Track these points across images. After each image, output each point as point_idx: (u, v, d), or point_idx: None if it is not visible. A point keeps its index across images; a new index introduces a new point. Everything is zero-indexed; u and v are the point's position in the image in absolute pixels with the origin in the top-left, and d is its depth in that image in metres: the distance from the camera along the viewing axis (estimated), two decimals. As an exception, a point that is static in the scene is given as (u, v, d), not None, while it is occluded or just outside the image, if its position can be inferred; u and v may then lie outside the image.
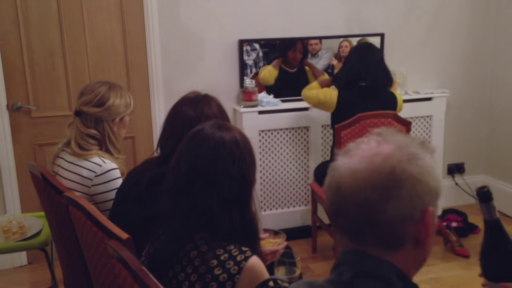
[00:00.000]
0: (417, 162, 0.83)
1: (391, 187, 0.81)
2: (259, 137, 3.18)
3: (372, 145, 0.86)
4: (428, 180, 0.83)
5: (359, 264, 0.84)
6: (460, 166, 3.85)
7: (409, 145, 0.86)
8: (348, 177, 0.84)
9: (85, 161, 1.91)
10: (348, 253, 0.87)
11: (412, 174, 0.82)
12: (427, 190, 0.83)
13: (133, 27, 3.06)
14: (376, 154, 0.84)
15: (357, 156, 0.85)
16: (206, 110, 1.62)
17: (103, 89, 1.97)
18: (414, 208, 0.82)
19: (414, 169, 0.82)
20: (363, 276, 0.83)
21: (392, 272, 0.83)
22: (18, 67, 2.92)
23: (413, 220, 0.82)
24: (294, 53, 3.35)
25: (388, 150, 0.84)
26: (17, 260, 3.07)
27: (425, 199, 0.83)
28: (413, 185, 0.82)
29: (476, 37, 3.68)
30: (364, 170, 0.83)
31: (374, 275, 0.82)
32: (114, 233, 1.38)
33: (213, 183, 1.26)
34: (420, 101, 3.48)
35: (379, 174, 0.82)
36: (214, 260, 1.21)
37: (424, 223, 0.83)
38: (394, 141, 0.86)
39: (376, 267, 0.83)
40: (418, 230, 0.83)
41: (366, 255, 0.84)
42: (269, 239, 1.68)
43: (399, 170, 0.82)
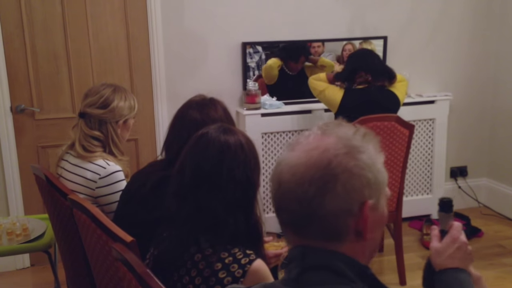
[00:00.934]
0: (355, 155, 0.83)
1: (327, 181, 0.81)
2: (262, 139, 3.18)
3: (312, 139, 0.86)
4: (366, 173, 0.83)
5: (305, 259, 0.84)
6: (463, 169, 3.84)
7: (350, 138, 0.85)
8: (287, 172, 0.85)
9: (89, 164, 1.91)
10: (294, 249, 0.87)
11: (348, 167, 0.82)
12: (365, 183, 0.83)
13: (137, 30, 3.07)
14: (314, 148, 0.84)
15: (297, 151, 0.86)
16: (212, 114, 1.63)
17: (108, 91, 1.98)
18: (351, 202, 0.82)
19: (350, 162, 0.82)
20: (310, 270, 0.83)
21: (338, 260, 0.83)
22: (22, 69, 2.93)
23: (351, 213, 0.82)
24: (296, 64, 3.37)
25: (326, 144, 0.84)
26: (20, 262, 3.07)
27: (364, 192, 0.83)
28: (349, 178, 0.82)
29: (478, 41, 3.68)
30: (302, 164, 0.83)
31: (321, 266, 0.83)
32: (119, 236, 1.38)
33: (218, 186, 1.26)
34: (423, 104, 3.48)
35: (316, 168, 0.82)
36: (219, 263, 1.21)
37: (362, 217, 0.83)
38: (336, 134, 0.86)
39: (321, 258, 0.83)
40: (357, 223, 0.83)
41: (311, 249, 0.84)
42: (273, 242, 1.68)
43: (335, 164, 0.82)
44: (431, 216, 3.54)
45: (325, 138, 0.86)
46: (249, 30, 3.24)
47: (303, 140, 0.88)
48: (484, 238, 3.37)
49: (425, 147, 3.55)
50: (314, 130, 0.88)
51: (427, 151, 3.56)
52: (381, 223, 0.89)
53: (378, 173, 0.86)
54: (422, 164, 3.56)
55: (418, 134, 3.49)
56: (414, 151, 3.50)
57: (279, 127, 3.22)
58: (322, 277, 0.83)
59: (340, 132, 0.86)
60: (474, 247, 3.15)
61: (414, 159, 3.52)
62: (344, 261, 0.84)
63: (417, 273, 2.89)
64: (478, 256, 3.08)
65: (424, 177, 3.59)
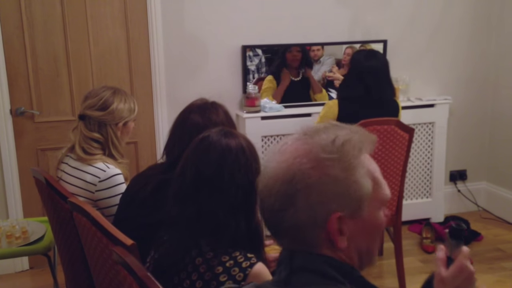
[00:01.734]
0: (322, 169, 0.83)
1: (289, 195, 0.83)
2: (261, 142, 3.18)
3: (289, 147, 0.87)
4: (333, 187, 0.83)
5: (292, 261, 0.86)
6: (463, 173, 3.85)
7: (324, 147, 0.84)
8: (261, 183, 0.88)
9: (89, 167, 1.91)
10: (283, 252, 0.89)
11: (310, 182, 0.82)
12: (331, 196, 0.83)
13: (137, 33, 3.07)
14: (285, 160, 0.85)
15: (273, 161, 0.88)
16: (213, 118, 1.63)
17: (107, 93, 1.98)
18: (315, 215, 0.83)
19: (314, 176, 0.83)
20: (297, 271, 0.85)
21: (324, 262, 0.84)
22: (22, 72, 2.93)
23: (317, 225, 0.83)
24: (291, 53, 3.35)
25: (296, 155, 0.85)
26: (18, 264, 3.06)
27: (330, 206, 0.83)
28: (310, 193, 0.82)
29: (478, 45, 3.69)
30: (272, 177, 0.86)
31: (308, 269, 0.84)
32: (119, 239, 1.38)
33: (219, 190, 1.26)
34: (422, 107, 3.48)
35: (281, 182, 0.84)
36: (220, 267, 1.21)
37: (325, 229, 0.83)
38: (312, 143, 0.86)
39: (307, 261, 0.85)
40: (328, 234, 0.84)
41: (298, 252, 0.86)
42: (274, 246, 1.68)
43: (298, 179, 0.83)
44: (431, 220, 3.54)
45: (300, 147, 0.86)
46: (249, 34, 3.24)
47: (281, 147, 0.89)
48: (483, 242, 3.37)
49: (425, 151, 3.55)
50: (295, 136, 0.89)
51: (426, 155, 3.56)
52: (369, 231, 0.88)
53: (354, 184, 0.84)
54: (421, 167, 3.56)
55: (417, 138, 3.49)
56: (413, 154, 3.50)
57: (279, 130, 3.22)
58: (310, 278, 0.84)
59: (316, 141, 0.86)
60: (474, 251, 3.19)
61: (413, 162, 3.52)
62: (331, 263, 0.85)
63: (417, 277, 2.89)
64: (477, 260, 3.08)
65: (423, 181, 3.59)
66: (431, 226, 3.40)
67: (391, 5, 3.47)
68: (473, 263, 1.07)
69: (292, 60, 3.36)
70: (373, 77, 2.71)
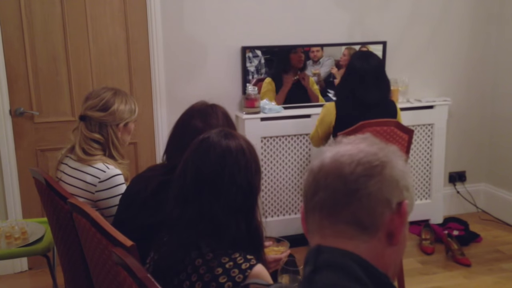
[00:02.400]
0: (397, 158, 0.88)
1: (375, 165, 0.84)
2: (261, 143, 3.19)
3: (356, 141, 0.90)
4: (406, 176, 0.87)
5: (319, 257, 0.82)
6: (462, 174, 3.85)
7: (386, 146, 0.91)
8: (332, 157, 0.87)
9: (88, 167, 1.91)
10: (310, 249, 0.86)
11: (394, 160, 0.86)
12: (403, 184, 0.86)
13: (137, 33, 3.07)
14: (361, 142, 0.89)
15: (342, 147, 0.89)
16: (213, 122, 1.63)
17: (108, 94, 1.98)
18: (392, 194, 0.84)
19: (395, 159, 0.87)
20: (322, 268, 0.81)
21: (354, 261, 0.80)
22: (21, 72, 2.93)
23: (389, 206, 0.83)
24: (296, 54, 3.35)
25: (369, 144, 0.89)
26: (17, 265, 3.06)
27: (403, 192, 0.85)
28: (394, 170, 0.85)
29: (478, 46, 3.70)
30: (349, 150, 0.86)
31: (334, 265, 0.80)
32: (119, 240, 1.38)
33: (219, 191, 1.26)
34: (421, 109, 3.48)
35: (365, 153, 0.85)
36: (219, 268, 1.21)
37: (400, 214, 0.84)
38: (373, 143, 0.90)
39: (336, 257, 0.81)
40: (393, 220, 0.83)
41: (327, 247, 0.83)
42: (273, 247, 1.68)
43: (382, 154, 0.86)
44: (430, 221, 3.54)
45: (363, 143, 0.89)
46: (249, 35, 3.25)
47: (344, 141, 0.91)
48: (482, 243, 3.37)
49: (424, 152, 3.55)
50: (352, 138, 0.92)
51: (425, 156, 3.56)
52: (405, 236, 0.88)
53: (411, 186, 0.88)
54: (421, 169, 3.57)
55: (417, 139, 3.50)
56: (413, 156, 3.50)
57: (278, 132, 3.22)
58: (334, 277, 0.78)
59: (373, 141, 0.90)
60: (473, 253, 3.19)
61: (413, 164, 3.52)
62: (361, 264, 0.80)
63: (416, 278, 2.89)
64: (476, 262, 3.08)
65: (423, 182, 3.59)
66: (430, 228, 3.40)
67: (391, 6, 3.47)
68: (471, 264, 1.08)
69: (297, 61, 3.36)
70: (358, 78, 2.72)
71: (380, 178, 0.84)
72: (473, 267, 3.03)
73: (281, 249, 1.66)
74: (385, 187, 0.83)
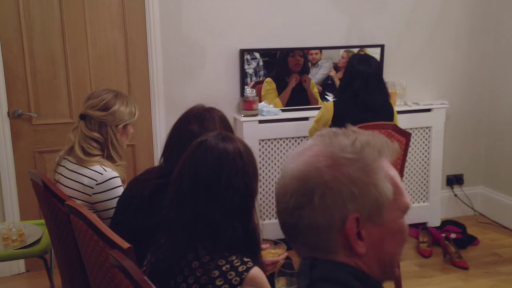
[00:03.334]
0: (340, 168, 0.81)
1: (304, 194, 0.81)
2: (259, 146, 3.19)
3: (309, 149, 0.85)
4: (349, 188, 0.80)
5: (313, 271, 0.82)
6: (459, 177, 3.86)
7: (343, 148, 0.83)
8: (278, 184, 0.87)
9: (86, 169, 1.92)
10: (303, 261, 0.85)
11: (325, 181, 0.80)
12: (347, 197, 0.80)
13: (135, 36, 3.07)
14: (304, 161, 0.83)
15: (292, 162, 0.86)
16: (210, 127, 1.63)
17: (110, 95, 2.00)
18: (331, 216, 0.80)
19: (329, 175, 0.80)
20: (318, 282, 0.81)
21: (347, 272, 0.80)
22: (19, 74, 2.93)
23: (334, 228, 0.80)
24: (294, 57, 3.36)
25: (314, 155, 0.83)
26: (15, 267, 3.05)
27: (347, 207, 0.80)
28: (326, 192, 0.80)
29: (475, 49, 3.71)
30: (289, 177, 0.84)
31: (329, 279, 0.80)
32: (116, 243, 1.38)
33: (216, 194, 1.26)
34: (419, 112, 3.49)
35: (297, 180, 0.82)
36: (216, 271, 1.21)
37: (343, 232, 0.80)
38: (331, 144, 0.84)
39: (329, 271, 0.81)
40: (344, 237, 0.81)
41: (319, 260, 0.82)
42: (270, 250, 1.68)
43: (313, 177, 0.81)
44: (427, 224, 3.55)
45: (318, 148, 0.84)
46: (247, 37, 3.25)
47: (301, 150, 0.87)
48: (480, 246, 3.37)
49: (422, 155, 3.56)
50: (316, 139, 0.87)
51: (423, 159, 3.57)
52: (391, 239, 0.84)
53: (372, 187, 0.81)
54: (418, 172, 3.57)
55: (414, 142, 3.51)
56: (410, 159, 3.51)
57: (276, 134, 3.22)
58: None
59: (335, 142, 0.84)
60: (470, 256, 3.20)
61: (410, 167, 3.53)
62: (354, 274, 0.81)
63: (413, 281, 2.90)
64: (474, 265, 3.09)
65: (420, 185, 3.60)
66: (428, 230, 3.40)
67: (388, 10, 3.48)
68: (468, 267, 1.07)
69: (294, 65, 3.37)
70: (362, 81, 2.75)
71: (312, 206, 0.80)
72: (470, 270, 3.04)
73: (278, 252, 1.66)
74: (320, 214, 0.80)
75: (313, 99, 3.43)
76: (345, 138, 0.84)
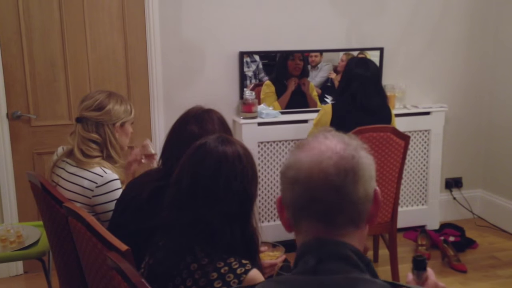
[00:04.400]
0: (364, 151, 0.97)
1: (357, 170, 0.92)
2: (258, 148, 3.19)
3: (321, 141, 0.95)
4: (372, 167, 0.97)
5: (321, 249, 0.91)
6: (458, 180, 3.86)
7: (349, 139, 0.98)
8: (316, 167, 0.92)
9: (86, 172, 1.91)
10: (309, 241, 0.93)
11: (365, 160, 0.95)
12: (373, 174, 0.96)
13: (135, 39, 3.08)
14: (332, 146, 0.94)
15: (314, 149, 0.94)
16: (209, 127, 1.64)
17: (103, 95, 2.01)
18: (370, 189, 0.95)
19: (364, 156, 0.95)
20: (326, 259, 0.90)
21: (350, 250, 0.91)
22: (19, 76, 2.93)
23: (370, 199, 0.95)
24: (293, 61, 3.37)
25: (339, 143, 0.95)
26: (13, 269, 3.05)
27: (373, 182, 0.96)
28: (367, 169, 0.94)
29: (475, 53, 3.71)
30: (330, 158, 0.92)
31: (336, 256, 0.90)
32: (114, 245, 1.38)
33: (215, 197, 1.26)
34: (418, 115, 3.50)
35: (346, 160, 0.92)
36: (214, 273, 1.21)
37: (376, 201, 0.96)
38: (336, 138, 0.96)
39: (337, 249, 0.91)
40: (373, 208, 0.96)
41: (326, 240, 0.92)
42: (268, 252, 1.68)
43: (358, 157, 0.94)
44: (426, 227, 3.55)
45: (333, 139, 0.95)
46: (247, 40, 3.26)
47: (311, 142, 0.96)
48: (478, 249, 3.37)
49: (421, 158, 3.56)
50: (318, 136, 0.97)
51: (422, 162, 3.57)
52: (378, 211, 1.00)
53: (372, 168, 0.97)
54: (417, 175, 3.58)
55: (413, 145, 3.51)
56: (409, 162, 3.51)
57: (275, 136, 3.22)
58: (338, 266, 0.89)
59: (339, 136, 0.97)
60: (469, 259, 3.19)
61: (409, 170, 3.53)
62: (355, 252, 0.92)
63: (411, 284, 2.89)
64: (472, 268, 3.09)
65: (419, 188, 3.60)
66: (427, 234, 3.40)
67: (388, 13, 3.49)
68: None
69: (294, 69, 3.37)
70: (359, 84, 2.75)
71: (362, 180, 0.93)
72: (469, 273, 3.04)
73: (277, 254, 1.66)
74: (366, 186, 0.94)
75: (312, 102, 3.44)
76: (341, 134, 0.99)
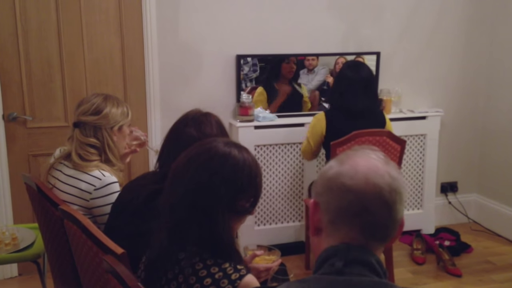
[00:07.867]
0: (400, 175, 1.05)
1: (403, 194, 1.01)
2: (254, 151, 3.19)
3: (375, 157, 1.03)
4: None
5: (349, 253, 0.98)
6: (453, 185, 3.87)
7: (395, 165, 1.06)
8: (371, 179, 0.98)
9: (84, 175, 1.91)
10: (337, 245, 1.00)
11: (404, 186, 1.04)
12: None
13: (132, 41, 3.08)
14: (386, 166, 1.01)
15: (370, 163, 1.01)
16: (207, 131, 1.64)
17: (99, 99, 2.00)
18: (403, 213, 1.03)
19: (404, 182, 1.03)
20: (352, 263, 0.97)
21: (374, 259, 1.00)
22: (15, 77, 2.92)
23: (398, 221, 1.02)
24: (288, 64, 3.37)
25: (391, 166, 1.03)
26: (7, 271, 3.04)
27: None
28: (405, 194, 1.03)
29: (471, 57, 3.73)
30: (383, 176, 0.99)
31: (362, 261, 0.98)
32: (109, 248, 1.38)
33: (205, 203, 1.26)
34: (414, 119, 3.51)
35: (397, 182, 1.00)
36: (208, 279, 1.21)
37: (401, 225, 1.04)
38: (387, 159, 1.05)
39: (363, 255, 0.99)
40: (398, 231, 1.04)
41: (354, 246, 0.99)
42: (264, 256, 1.67)
43: (403, 182, 1.02)
44: (422, 231, 3.56)
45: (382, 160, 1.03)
46: (244, 43, 3.26)
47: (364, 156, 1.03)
48: (473, 254, 3.38)
49: (416, 163, 3.57)
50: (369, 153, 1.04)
51: (418, 166, 3.58)
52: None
53: None
54: (413, 179, 3.59)
55: (409, 149, 3.52)
56: (405, 166, 3.52)
57: (272, 140, 3.23)
58: (362, 270, 0.97)
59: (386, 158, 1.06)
60: (464, 263, 3.20)
61: (405, 174, 3.54)
62: (378, 262, 1.00)
63: (407, 288, 2.90)
64: (467, 272, 3.10)
65: (414, 192, 3.61)
66: (422, 238, 3.41)
67: (384, 17, 3.51)
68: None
69: (288, 72, 3.38)
70: (347, 84, 2.77)
71: (403, 204, 1.02)
72: (464, 278, 3.04)
73: (272, 258, 1.66)
74: (402, 210, 1.02)
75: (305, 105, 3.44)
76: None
